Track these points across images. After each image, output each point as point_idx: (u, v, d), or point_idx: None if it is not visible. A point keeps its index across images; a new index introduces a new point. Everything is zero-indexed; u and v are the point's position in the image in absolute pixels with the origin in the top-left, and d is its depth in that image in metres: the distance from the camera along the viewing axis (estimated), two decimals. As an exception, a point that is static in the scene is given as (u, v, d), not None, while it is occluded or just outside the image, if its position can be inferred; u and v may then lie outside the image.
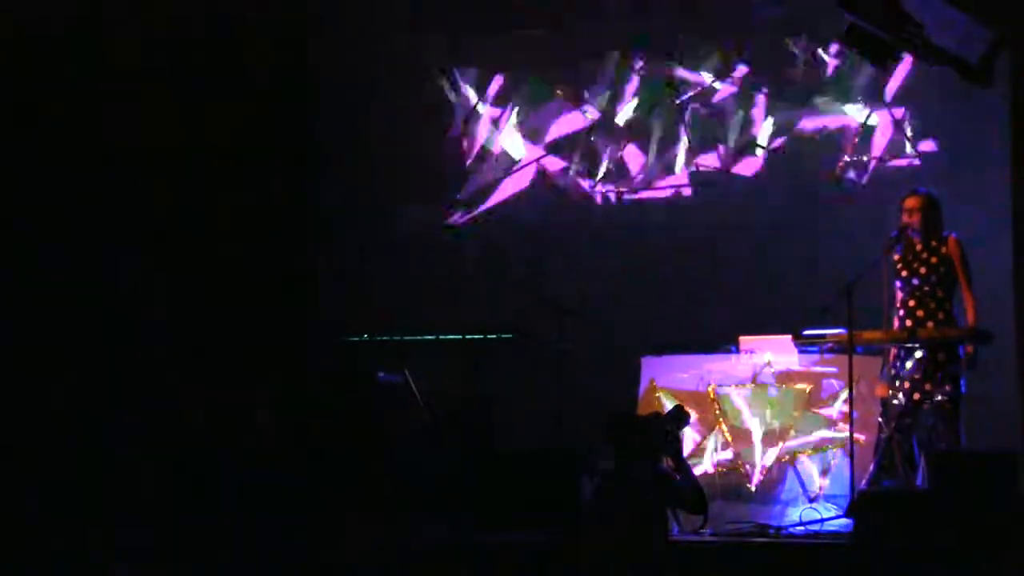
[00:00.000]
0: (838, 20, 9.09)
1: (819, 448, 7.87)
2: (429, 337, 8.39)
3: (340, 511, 7.31)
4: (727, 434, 8.01)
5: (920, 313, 7.60)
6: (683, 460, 6.75)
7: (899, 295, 7.72)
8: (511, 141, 10.23)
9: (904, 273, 7.68)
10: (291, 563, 6.96)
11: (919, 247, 7.68)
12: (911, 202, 7.71)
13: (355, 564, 6.90)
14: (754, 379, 8.09)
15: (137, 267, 9.22)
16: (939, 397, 7.48)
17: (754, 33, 9.76)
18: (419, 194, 10.31)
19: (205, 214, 9.70)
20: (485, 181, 10.25)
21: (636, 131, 9.98)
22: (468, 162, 10.28)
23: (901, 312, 7.68)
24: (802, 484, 7.82)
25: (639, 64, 9.98)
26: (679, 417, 6.89)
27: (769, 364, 8.07)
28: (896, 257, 7.70)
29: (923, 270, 7.63)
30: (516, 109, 10.22)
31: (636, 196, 9.97)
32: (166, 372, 8.81)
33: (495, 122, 10.26)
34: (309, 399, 8.34)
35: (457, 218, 10.22)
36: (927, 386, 7.49)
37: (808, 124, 9.62)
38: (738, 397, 8.06)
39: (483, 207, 10.24)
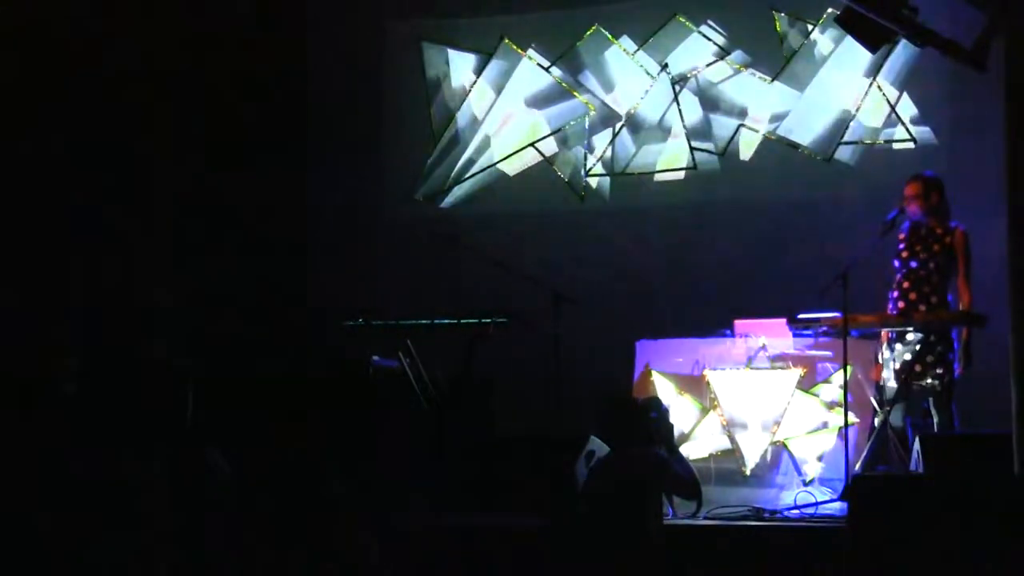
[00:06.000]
0: (833, 2, 9.13)
1: (814, 432, 7.88)
2: (424, 322, 8.36)
3: (331, 496, 7.28)
4: (722, 418, 8.02)
5: (913, 296, 7.61)
6: (676, 448, 6.77)
7: (895, 276, 7.73)
8: (505, 125, 10.22)
9: (905, 255, 7.67)
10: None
11: (924, 231, 7.67)
12: (909, 189, 7.70)
13: (345, 547, 6.88)
14: (749, 362, 8.10)
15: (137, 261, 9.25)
16: (930, 380, 7.49)
17: (748, 14, 9.76)
18: (411, 180, 10.32)
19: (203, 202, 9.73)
20: (478, 166, 10.25)
21: (630, 114, 9.97)
22: (460, 147, 10.28)
23: (895, 293, 7.69)
24: (797, 468, 7.83)
25: (634, 47, 9.98)
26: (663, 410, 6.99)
27: (764, 347, 8.08)
28: (901, 236, 7.70)
29: (924, 255, 7.63)
30: (510, 94, 10.21)
31: (631, 179, 9.96)
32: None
33: (489, 107, 10.25)
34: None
35: (448, 204, 10.25)
36: (918, 368, 7.50)
37: (803, 106, 9.61)
38: (733, 381, 8.07)
39: (477, 192, 10.26)
